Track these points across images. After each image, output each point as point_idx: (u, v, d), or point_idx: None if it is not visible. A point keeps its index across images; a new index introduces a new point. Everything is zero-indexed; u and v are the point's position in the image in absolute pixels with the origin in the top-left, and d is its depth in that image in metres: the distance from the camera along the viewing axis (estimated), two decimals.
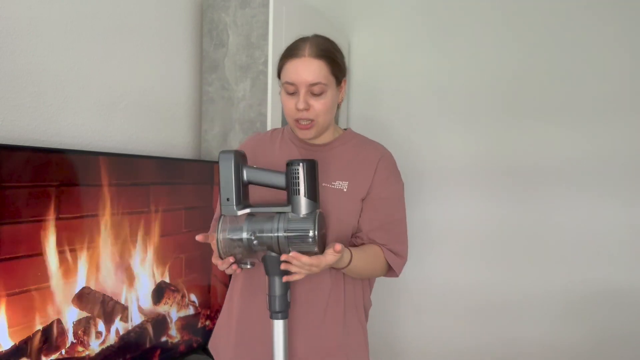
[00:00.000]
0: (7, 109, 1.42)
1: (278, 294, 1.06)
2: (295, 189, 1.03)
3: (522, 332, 2.34)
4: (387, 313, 2.55)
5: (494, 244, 2.39)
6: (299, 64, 1.12)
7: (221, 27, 2.02)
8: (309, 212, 1.03)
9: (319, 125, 1.17)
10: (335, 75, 1.16)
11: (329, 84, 1.14)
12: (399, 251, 1.22)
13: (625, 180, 2.18)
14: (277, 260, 1.04)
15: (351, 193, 1.19)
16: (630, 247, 2.18)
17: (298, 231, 1.01)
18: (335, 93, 1.18)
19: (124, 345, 1.56)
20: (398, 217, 1.24)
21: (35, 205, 1.27)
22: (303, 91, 1.12)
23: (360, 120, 2.64)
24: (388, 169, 1.23)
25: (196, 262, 1.89)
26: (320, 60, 1.12)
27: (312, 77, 1.11)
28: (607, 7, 2.20)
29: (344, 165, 1.22)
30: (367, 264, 1.19)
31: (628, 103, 2.18)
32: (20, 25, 1.45)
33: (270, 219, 1.04)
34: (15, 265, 1.23)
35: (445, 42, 2.47)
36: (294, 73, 1.12)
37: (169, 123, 2.05)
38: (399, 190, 1.25)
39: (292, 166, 1.03)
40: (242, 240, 1.04)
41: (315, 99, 1.14)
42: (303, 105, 1.12)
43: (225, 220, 1.06)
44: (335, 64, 1.16)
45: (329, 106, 1.16)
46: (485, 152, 2.40)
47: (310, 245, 1.01)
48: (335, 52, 1.17)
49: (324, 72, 1.13)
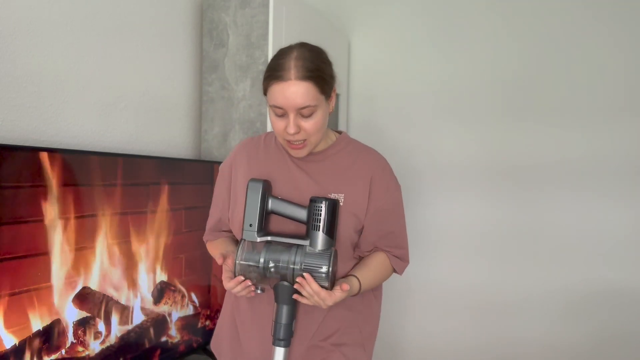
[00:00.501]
0: (7, 109, 1.42)
1: (284, 322, 1.10)
2: (316, 224, 1.08)
3: (522, 332, 2.34)
4: (387, 313, 2.54)
5: (494, 244, 2.39)
6: (285, 88, 1.06)
7: (221, 27, 2.02)
8: (325, 248, 1.08)
9: (311, 144, 1.15)
10: (324, 92, 1.11)
11: (319, 104, 1.10)
12: (403, 255, 1.25)
13: (625, 180, 2.18)
14: (289, 289, 1.09)
15: (347, 207, 1.17)
16: (630, 247, 2.18)
17: (313, 265, 1.07)
18: (325, 109, 1.14)
19: (124, 345, 1.56)
20: (400, 225, 1.25)
21: (35, 205, 1.27)
22: (292, 115, 1.08)
23: (360, 120, 2.64)
24: (385, 179, 1.22)
25: (196, 262, 1.89)
26: (307, 82, 1.06)
27: (300, 101, 1.06)
28: (606, 8, 2.20)
29: (339, 175, 1.20)
30: (376, 279, 1.21)
31: (627, 104, 2.18)
32: (20, 25, 1.45)
33: (288, 250, 1.09)
34: (16, 265, 1.23)
35: (445, 43, 2.47)
36: (281, 97, 1.07)
37: (169, 123, 2.05)
38: (398, 197, 1.25)
39: (316, 203, 1.09)
40: (259, 267, 1.09)
41: (305, 120, 1.10)
42: (294, 129, 1.09)
43: (245, 245, 1.11)
44: (324, 81, 1.10)
45: (320, 125, 1.12)
46: (485, 153, 2.40)
47: (323, 280, 1.06)
48: (322, 66, 1.11)
49: (312, 93, 1.07)
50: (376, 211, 1.19)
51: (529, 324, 2.33)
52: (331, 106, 1.17)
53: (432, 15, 2.50)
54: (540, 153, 2.31)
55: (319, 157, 1.21)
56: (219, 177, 1.31)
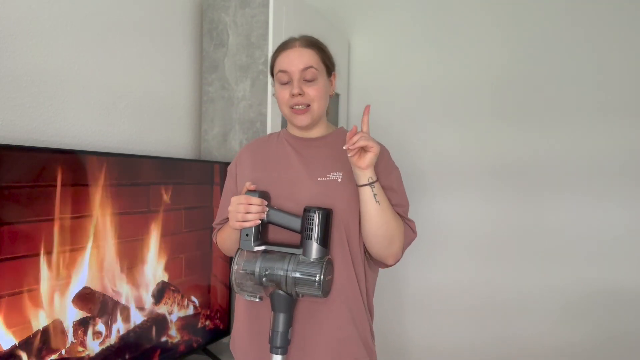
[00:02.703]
0: (7, 109, 1.42)
1: (281, 330, 1.12)
2: (309, 234, 1.10)
3: (522, 331, 2.34)
4: (387, 312, 2.55)
5: (494, 244, 2.39)
6: (290, 53, 1.19)
7: (221, 27, 2.02)
8: (318, 257, 1.10)
9: (313, 111, 1.21)
10: (326, 64, 1.22)
11: (320, 71, 1.20)
12: (412, 227, 1.25)
13: (625, 180, 2.18)
14: (284, 298, 1.11)
15: (346, 182, 1.19)
16: (629, 247, 2.18)
17: (305, 274, 1.08)
18: (326, 82, 1.23)
19: (124, 345, 1.56)
20: (403, 201, 1.25)
21: (35, 205, 1.27)
22: (296, 77, 1.18)
23: (359, 119, 2.63)
24: (383, 159, 1.23)
25: (196, 262, 1.89)
26: (310, 49, 1.20)
27: (303, 62, 1.17)
28: (606, 7, 2.20)
29: (337, 157, 1.22)
30: (391, 209, 1.18)
31: (626, 103, 2.18)
32: (20, 25, 1.45)
33: (282, 259, 1.11)
34: (16, 265, 1.23)
35: (445, 43, 2.47)
36: (286, 61, 1.19)
37: (169, 123, 2.05)
38: (398, 176, 1.26)
39: (309, 212, 1.10)
40: (254, 275, 1.11)
41: (308, 85, 1.19)
42: (297, 90, 1.17)
43: (242, 254, 1.14)
44: (325, 53, 1.23)
45: (322, 92, 1.21)
46: (485, 152, 2.40)
47: (315, 289, 1.08)
48: (324, 46, 1.25)
49: (315, 58, 1.19)
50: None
51: (529, 323, 2.33)
52: (332, 89, 1.27)
53: (433, 15, 2.50)
54: (539, 152, 2.31)
55: (319, 142, 1.27)
56: (227, 178, 1.35)
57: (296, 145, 1.27)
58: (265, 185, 1.21)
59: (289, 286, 1.09)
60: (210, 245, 1.95)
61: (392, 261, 1.23)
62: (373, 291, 1.31)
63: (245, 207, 1.11)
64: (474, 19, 2.42)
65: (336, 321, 1.18)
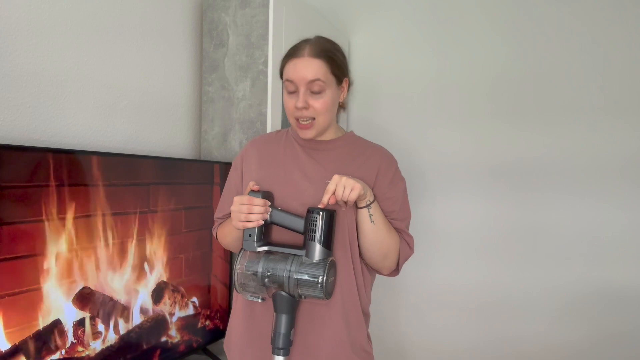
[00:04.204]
0: (7, 109, 1.42)
1: (283, 331, 1.11)
2: (312, 235, 1.09)
3: (522, 331, 2.34)
4: (386, 312, 2.55)
5: (494, 244, 2.39)
6: (298, 62, 1.15)
7: (221, 27, 2.02)
8: (321, 258, 1.09)
9: (318, 124, 1.19)
10: (335, 75, 1.19)
11: (328, 82, 1.17)
12: (410, 243, 1.25)
13: (625, 180, 2.18)
14: (286, 299, 1.10)
15: None
16: (629, 247, 2.18)
17: (308, 275, 1.08)
18: (335, 92, 1.20)
19: (124, 345, 1.56)
20: (405, 214, 1.26)
21: (34, 205, 1.27)
22: (302, 89, 1.15)
23: (360, 120, 2.64)
24: (391, 171, 1.25)
25: (196, 262, 1.89)
26: (319, 59, 1.15)
27: (310, 74, 1.14)
28: (606, 7, 2.20)
29: (346, 163, 1.23)
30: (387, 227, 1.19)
31: (626, 103, 2.18)
32: (20, 25, 1.45)
33: (285, 260, 1.11)
34: (15, 265, 1.23)
35: (445, 43, 2.47)
36: (293, 71, 1.16)
37: (169, 123, 2.05)
38: (403, 188, 1.27)
39: (312, 214, 1.09)
40: (256, 275, 1.11)
41: (314, 98, 1.16)
42: (302, 103, 1.15)
43: (245, 255, 1.14)
44: (335, 63, 1.18)
45: (329, 105, 1.18)
46: (485, 152, 2.40)
47: (318, 290, 1.07)
48: (335, 52, 1.20)
49: (323, 70, 1.15)
50: (380, 200, 1.21)
51: (528, 324, 2.33)
52: (342, 96, 1.25)
53: (433, 15, 2.50)
54: (539, 152, 2.31)
55: (329, 145, 1.26)
56: (231, 172, 1.34)
57: (305, 146, 1.27)
58: (270, 184, 1.20)
59: (292, 287, 1.09)
60: (210, 245, 1.95)
61: (386, 272, 1.26)
62: (370, 294, 1.31)
63: (248, 207, 1.10)
64: (473, 19, 2.42)
65: (335, 323, 1.18)
